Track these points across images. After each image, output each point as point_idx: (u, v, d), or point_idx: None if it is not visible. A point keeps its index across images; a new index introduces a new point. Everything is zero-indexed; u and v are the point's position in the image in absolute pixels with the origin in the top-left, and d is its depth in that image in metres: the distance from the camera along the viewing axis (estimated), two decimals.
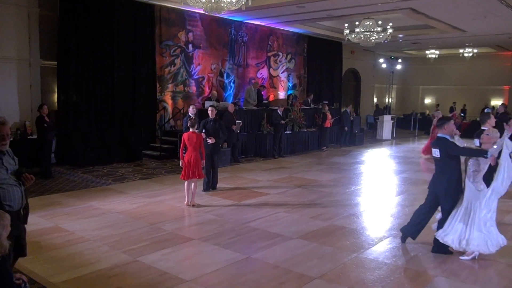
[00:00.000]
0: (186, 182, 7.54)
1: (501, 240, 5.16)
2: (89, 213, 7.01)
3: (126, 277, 4.66)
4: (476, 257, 5.18)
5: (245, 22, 15.89)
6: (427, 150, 13.50)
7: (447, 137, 5.24)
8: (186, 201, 7.57)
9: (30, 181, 3.74)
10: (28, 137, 10.62)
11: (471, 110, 23.10)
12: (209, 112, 8.71)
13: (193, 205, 7.50)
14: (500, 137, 5.20)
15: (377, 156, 14.56)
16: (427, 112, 24.40)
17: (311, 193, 8.66)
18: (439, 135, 5.35)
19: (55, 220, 6.57)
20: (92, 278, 4.61)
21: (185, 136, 7.56)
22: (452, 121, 5.34)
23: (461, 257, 5.21)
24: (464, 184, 5.23)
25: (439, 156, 5.27)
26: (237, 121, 11.94)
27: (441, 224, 5.36)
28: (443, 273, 4.87)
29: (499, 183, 5.05)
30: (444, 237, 5.21)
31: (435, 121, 13.53)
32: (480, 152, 5.05)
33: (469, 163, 5.21)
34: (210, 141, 8.34)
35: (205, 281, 4.57)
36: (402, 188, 9.40)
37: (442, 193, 5.31)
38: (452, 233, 5.16)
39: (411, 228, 5.72)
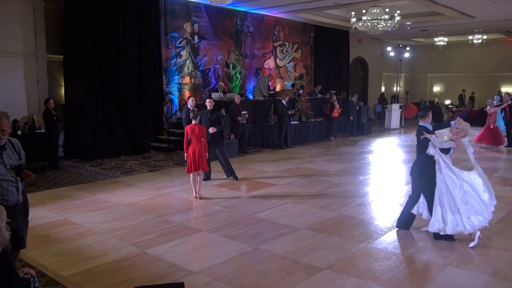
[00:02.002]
0: (191, 174, 7.50)
1: (483, 219, 5.20)
2: (97, 205, 7.05)
3: (134, 269, 4.68)
4: (481, 237, 5.23)
5: (251, 12, 15.77)
6: (481, 139, 13.38)
7: (427, 125, 5.42)
8: (194, 194, 7.54)
9: (29, 177, 3.74)
10: (36, 131, 10.69)
11: (481, 97, 22.80)
12: (207, 103, 8.72)
13: (200, 198, 7.48)
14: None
15: (385, 145, 14.46)
16: (436, 100, 24.15)
17: (318, 184, 8.62)
18: (420, 123, 5.50)
19: (64, 213, 6.61)
20: (101, 271, 4.63)
21: (188, 128, 7.47)
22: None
23: (470, 245, 5.19)
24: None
25: (417, 143, 5.58)
26: (242, 112, 11.90)
27: (430, 212, 5.48)
28: (453, 262, 4.82)
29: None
30: (434, 226, 5.29)
31: (489, 109, 13.37)
32: (444, 150, 5.31)
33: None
34: (211, 130, 8.29)
35: (213, 273, 4.57)
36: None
37: (415, 176, 5.58)
38: (436, 220, 5.28)
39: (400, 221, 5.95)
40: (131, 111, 12.37)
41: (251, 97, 14.89)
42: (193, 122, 7.45)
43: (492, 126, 13.16)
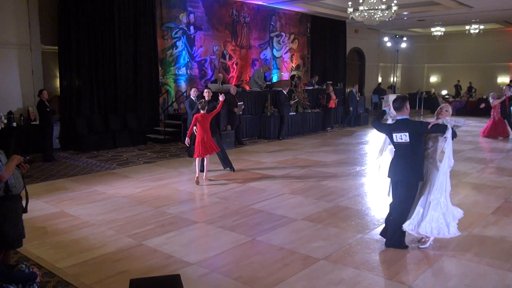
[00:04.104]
0: (197, 158, 7.97)
1: (458, 213, 4.85)
2: (94, 197, 7.03)
3: (131, 261, 4.67)
4: (432, 242, 4.95)
5: (247, 2, 15.65)
6: (488, 132, 13.40)
7: (408, 118, 4.78)
8: (197, 174, 7.92)
9: (24, 169, 3.84)
10: (32, 123, 10.64)
11: (478, 88, 22.80)
12: (205, 94, 8.98)
13: (209, 180, 8.06)
14: None
15: (382, 136, 14.43)
16: (432, 90, 24.16)
17: (315, 174, 8.62)
18: (400, 117, 4.75)
19: (60, 205, 6.59)
20: (97, 263, 4.63)
21: (198, 116, 7.89)
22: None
23: (420, 246, 4.94)
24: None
25: (408, 140, 4.67)
26: (239, 103, 11.86)
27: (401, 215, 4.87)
28: (450, 252, 4.84)
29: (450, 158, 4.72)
30: (408, 225, 4.80)
31: (493, 102, 13.38)
32: (455, 134, 4.67)
33: (429, 141, 4.83)
34: (221, 98, 8.43)
35: (210, 264, 4.57)
36: None
37: (413, 180, 4.76)
38: (411, 219, 4.79)
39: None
40: (127, 102, 12.30)
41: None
42: (202, 112, 7.91)
43: (496, 118, 13.24)
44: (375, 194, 7.37)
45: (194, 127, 8.04)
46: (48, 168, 9.10)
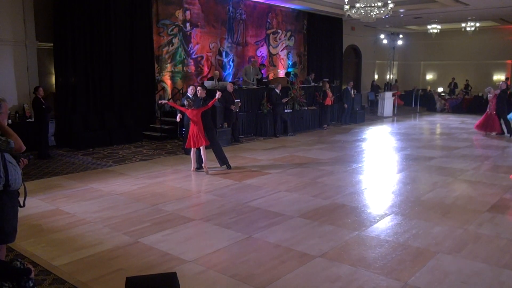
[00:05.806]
0: (192, 149, 8.45)
1: None
2: (89, 195, 7.01)
3: (127, 258, 4.66)
4: None
5: None
6: (481, 126, 13.44)
7: None
8: (192, 168, 8.51)
9: (23, 164, 3.93)
10: (27, 120, 10.58)
11: (474, 85, 22.86)
12: (198, 92, 9.08)
13: (207, 172, 8.37)
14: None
15: (378, 133, 14.49)
16: (429, 88, 24.21)
17: (312, 172, 8.63)
18: None
19: (56, 203, 6.57)
20: (93, 260, 4.61)
21: (188, 112, 8.31)
22: None
23: None
24: None
25: None
26: (235, 100, 11.85)
27: None
28: (445, 249, 4.86)
29: None
30: None
31: (490, 96, 13.44)
32: None
33: None
34: (217, 95, 8.61)
35: (206, 261, 4.57)
36: (404, 165, 9.36)
37: None
38: None
39: None
40: (123, 99, 12.26)
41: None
42: (190, 110, 8.28)
43: (489, 113, 13.29)
44: (372, 191, 7.38)
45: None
46: (44, 166, 9.07)
